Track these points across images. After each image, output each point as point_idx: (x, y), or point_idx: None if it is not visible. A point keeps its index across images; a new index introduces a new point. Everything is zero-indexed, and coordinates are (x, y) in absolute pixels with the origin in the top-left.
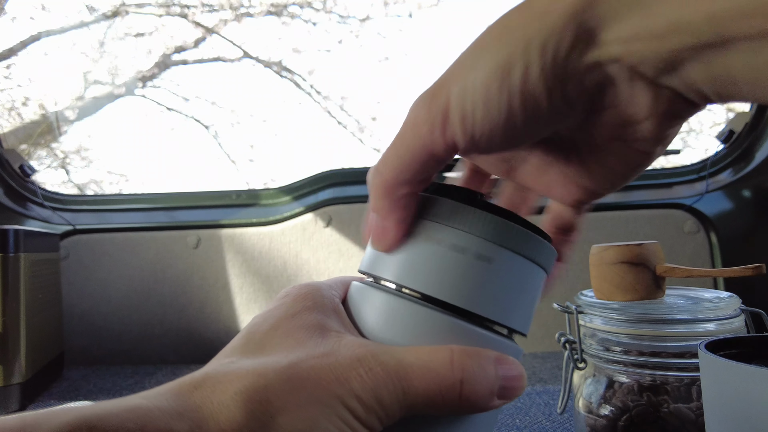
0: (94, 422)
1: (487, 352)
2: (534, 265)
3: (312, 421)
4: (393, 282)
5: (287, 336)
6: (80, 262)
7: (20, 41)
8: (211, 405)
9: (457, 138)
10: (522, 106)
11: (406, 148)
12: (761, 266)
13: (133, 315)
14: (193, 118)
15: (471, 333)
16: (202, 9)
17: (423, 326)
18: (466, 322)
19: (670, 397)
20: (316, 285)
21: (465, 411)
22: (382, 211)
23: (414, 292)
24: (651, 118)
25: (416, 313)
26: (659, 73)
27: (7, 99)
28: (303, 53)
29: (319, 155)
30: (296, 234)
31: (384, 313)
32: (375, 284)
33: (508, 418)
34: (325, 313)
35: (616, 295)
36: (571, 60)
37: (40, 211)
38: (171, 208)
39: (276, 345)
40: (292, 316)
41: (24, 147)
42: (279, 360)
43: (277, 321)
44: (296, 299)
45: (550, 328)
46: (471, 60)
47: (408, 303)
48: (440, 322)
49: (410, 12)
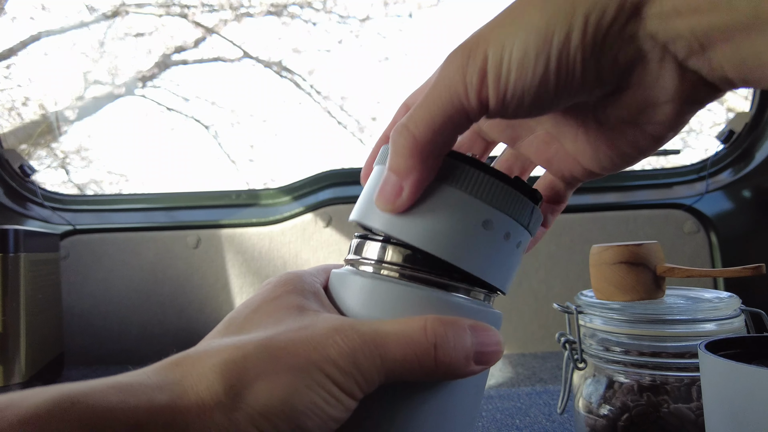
0: (77, 397)
1: (461, 320)
2: (523, 229)
3: (290, 387)
4: (382, 231)
5: (267, 316)
6: (80, 262)
7: (20, 41)
8: (190, 377)
9: (491, 99)
10: (556, 74)
11: (440, 106)
12: (761, 266)
13: (133, 315)
14: (193, 118)
15: (448, 303)
16: (202, 9)
17: (401, 302)
18: (443, 293)
19: (670, 397)
20: (297, 272)
21: (443, 376)
22: (404, 171)
23: (394, 266)
24: (672, 102)
25: (393, 290)
26: (689, 54)
27: (7, 99)
28: (303, 53)
29: (319, 155)
30: (296, 234)
31: (363, 294)
32: (355, 269)
33: (508, 418)
34: (304, 296)
35: (616, 295)
36: (611, 31)
37: (40, 211)
38: (171, 208)
39: (256, 324)
40: (273, 299)
41: (24, 147)
42: (257, 335)
43: (257, 305)
44: (277, 285)
45: (550, 328)
46: (510, 21)
47: (386, 283)
48: (417, 297)
49: (410, 12)
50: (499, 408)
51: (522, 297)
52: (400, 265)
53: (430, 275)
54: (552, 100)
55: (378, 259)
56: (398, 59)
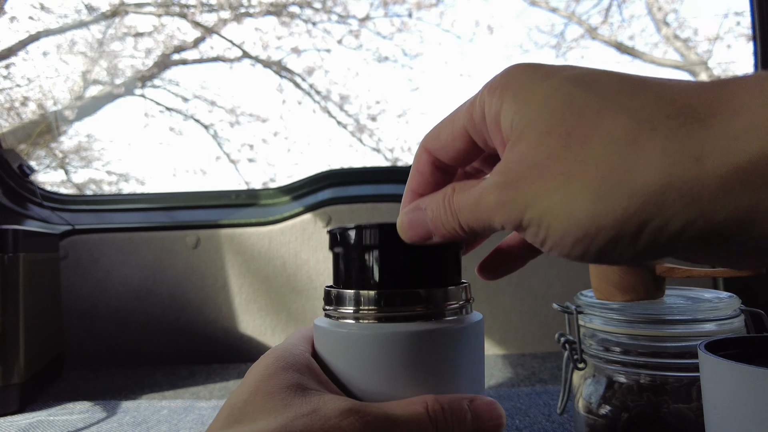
0: None
1: (460, 401)
2: None
3: None
4: None
5: (269, 397)
6: (79, 262)
7: (20, 41)
8: None
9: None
10: (596, 255)
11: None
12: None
13: (133, 315)
14: (192, 118)
15: (430, 333)
16: (202, 9)
17: (385, 347)
18: (421, 324)
19: (669, 397)
20: (285, 346)
21: None
22: None
23: (371, 311)
24: None
25: (376, 339)
26: None
27: (6, 99)
28: (303, 53)
29: (319, 155)
30: (296, 234)
31: (348, 348)
32: (335, 322)
33: (508, 419)
34: (300, 371)
35: (615, 295)
36: None
37: (39, 211)
38: (170, 208)
39: (260, 409)
40: (269, 376)
41: (23, 147)
42: (268, 425)
43: (255, 386)
44: (269, 362)
45: (550, 328)
46: (561, 176)
47: (366, 332)
48: (400, 337)
49: (410, 12)
50: None
51: (522, 297)
52: (376, 309)
53: (403, 311)
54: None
55: (354, 309)
56: (398, 59)
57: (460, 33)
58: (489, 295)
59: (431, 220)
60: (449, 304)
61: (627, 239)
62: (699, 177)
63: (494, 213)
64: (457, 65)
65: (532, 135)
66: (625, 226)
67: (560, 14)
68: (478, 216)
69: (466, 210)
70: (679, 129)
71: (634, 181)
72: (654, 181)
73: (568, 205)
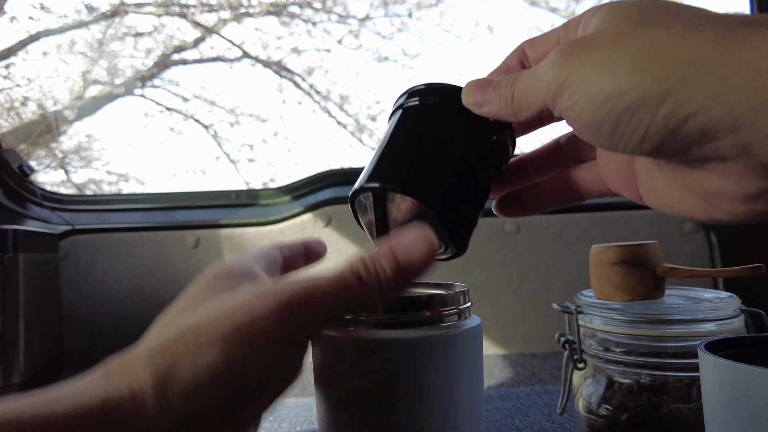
0: (4, 413)
1: (383, 246)
2: None
3: (219, 355)
4: None
5: (194, 302)
6: (79, 262)
7: (19, 41)
8: (122, 373)
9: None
10: (631, 145)
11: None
12: (761, 266)
13: (133, 315)
14: (192, 118)
15: (431, 338)
16: (202, 9)
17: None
18: (415, 330)
19: (669, 397)
20: (228, 260)
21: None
22: None
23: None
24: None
25: (375, 344)
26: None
27: (6, 99)
28: (303, 53)
29: (319, 155)
30: (296, 234)
31: (346, 354)
32: (334, 328)
33: (508, 419)
34: (236, 277)
35: (616, 295)
36: None
37: (39, 211)
38: (170, 208)
39: (180, 314)
40: (198, 288)
41: (23, 147)
42: (183, 321)
43: (182, 298)
44: (203, 275)
45: (550, 328)
46: (602, 58)
47: (364, 339)
48: (400, 343)
49: (410, 12)
50: (499, 408)
51: (522, 297)
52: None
53: (401, 317)
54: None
55: None
56: (398, 59)
57: (460, 33)
58: (489, 296)
59: (493, 87)
60: (446, 310)
61: (648, 106)
62: (741, 62)
63: (544, 79)
64: (457, 65)
65: (599, 26)
66: (650, 90)
67: (560, 14)
68: (532, 86)
69: (523, 82)
70: (739, 27)
71: (676, 52)
72: (694, 55)
73: (608, 67)
